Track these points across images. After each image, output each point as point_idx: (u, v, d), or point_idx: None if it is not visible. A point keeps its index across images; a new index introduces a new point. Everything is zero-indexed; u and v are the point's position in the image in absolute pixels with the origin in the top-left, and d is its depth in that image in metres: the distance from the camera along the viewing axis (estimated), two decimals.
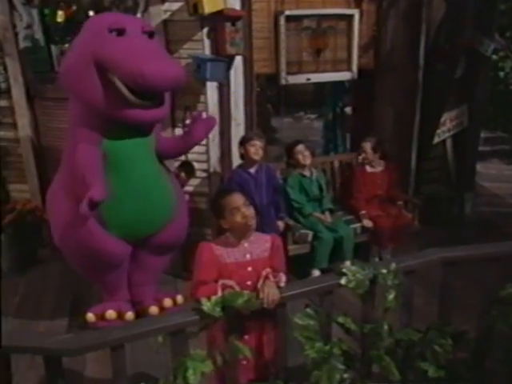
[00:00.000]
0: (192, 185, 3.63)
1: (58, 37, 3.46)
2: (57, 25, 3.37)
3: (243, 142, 3.30)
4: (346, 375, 1.86)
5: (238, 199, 1.98)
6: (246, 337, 1.98)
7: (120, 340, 1.72)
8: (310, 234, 3.59)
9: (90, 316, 2.91)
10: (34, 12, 3.45)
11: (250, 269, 2.00)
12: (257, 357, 2.02)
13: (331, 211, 3.81)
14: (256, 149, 3.25)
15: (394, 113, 4.26)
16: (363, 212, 3.83)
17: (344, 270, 2.05)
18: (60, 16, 3.26)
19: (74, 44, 2.58)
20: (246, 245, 2.03)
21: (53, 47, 3.52)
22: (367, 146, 3.87)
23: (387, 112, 4.28)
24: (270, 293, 1.88)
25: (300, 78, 3.88)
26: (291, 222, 3.61)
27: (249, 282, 1.98)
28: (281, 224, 3.46)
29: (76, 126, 2.64)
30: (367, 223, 3.78)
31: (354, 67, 3.99)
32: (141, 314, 3.00)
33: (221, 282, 1.91)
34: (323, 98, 5.29)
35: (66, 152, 2.75)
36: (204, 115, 3.03)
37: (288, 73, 3.81)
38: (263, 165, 3.40)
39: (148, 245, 2.90)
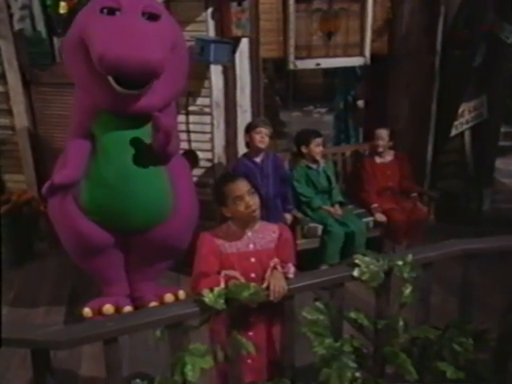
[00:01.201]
0: (196, 175, 3.56)
1: (60, 29, 3.39)
2: (59, 16, 3.29)
3: (248, 130, 3.23)
4: (357, 374, 1.77)
5: (242, 187, 1.88)
6: (251, 332, 1.89)
7: (113, 333, 1.64)
8: (320, 228, 3.50)
9: (87, 311, 2.87)
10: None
11: (253, 260, 1.91)
12: (261, 353, 1.93)
13: (342, 204, 3.71)
14: (262, 136, 3.17)
15: (409, 102, 4.16)
16: (375, 205, 3.73)
17: (357, 261, 1.96)
18: (63, 7, 3.19)
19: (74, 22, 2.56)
20: (249, 234, 1.94)
21: (55, 39, 3.47)
22: (384, 132, 3.77)
23: (402, 101, 4.18)
24: (277, 285, 1.79)
25: (309, 63, 3.79)
26: (300, 215, 3.52)
27: (252, 274, 1.89)
28: (288, 217, 3.38)
29: (74, 107, 2.66)
30: (380, 217, 3.68)
31: (367, 52, 3.90)
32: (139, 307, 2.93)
33: (223, 272, 1.82)
34: (334, 92, 5.21)
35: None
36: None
37: (297, 57, 3.72)
38: (270, 154, 3.32)
39: (140, 241, 2.83)
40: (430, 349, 2.05)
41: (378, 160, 3.86)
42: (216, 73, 3.40)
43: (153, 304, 2.93)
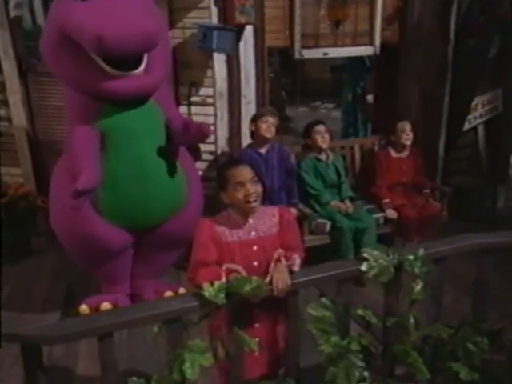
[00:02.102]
0: (198, 168, 3.51)
1: None
2: None
3: (255, 119, 3.20)
4: (365, 373, 1.71)
5: (245, 173, 1.84)
6: (253, 328, 1.84)
7: (108, 328, 1.60)
8: (328, 224, 3.44)
9: (84, 308, 2.83)
10: None
11: (255, 248, 1.86)
12: (264, 351, 1.88)
13: (351, 199, 3.66)
14: (268, 126, 3.14)
15: (421, 94, 4.11)
16: (386, 201, 3.68)
17: (365, 255, 1.91)
18: None
19: (48, 17, 2.50)
20: (250, 221, 1.89)
21: None
22: (407, 126, 3.70)
23: (413, 93, 4.13)
24: (280, 279, 1.75)
25: (316, 53, 3.75)
26: (307, 210, 3.47)
27: (255, 263, 1.85)
28: (293, 211, 3.32)
29: (70, 107, 2.59)
30: (391, 213, 3.63)
31: (377, 41, 3.86)
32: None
33: (225, 266, 1.78)
34: (341, 87, 5.17)
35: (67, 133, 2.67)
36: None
37: (303, 46, 3.68)
38: (275, 145, 3.28)
39: (152, 236, 2.79)
40: (443, 348, 2.00)
41: (393, 154, 3.80)
42: (219, 62, 3.37)
43: None
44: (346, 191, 3.66)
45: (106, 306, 2.83)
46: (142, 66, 2.37)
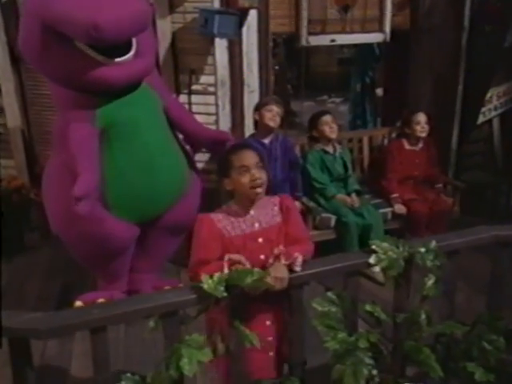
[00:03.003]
0: (199, 160, 3.48)
1: None
2: None
3: (258, 107, 3.16)
4: (374, 371, 1.67)
5: (250, 157, 1.81)
6: (254, 324, 1.80)
7: (101, 321, 1.57)
8: (333, 219, 3.41)
9: (79, 304, 2.81)
10: None
11: (260, 240, 1.83)
12: (267, 348, 1.84)
13: (358, 193, 3.62)
14: (273, 114, 3.10)
15: (433, 83, 4.08)
16: (395, 195, 3.64)
17: (374, 247, 1.88)
18: None
19: (23, 10, 2.45)
20: (252, 212, 1.85)
21: None
22: (422, 118, 3.66)
23: (424, 82, 4.09)
24: (278, 279, 1.70)
25: (323, 39, 3.72)
26: (311, 204, 3.44)
27: (262, 256, 1.81)
28: (297, 204, 3.27)
29: (62, 106, 2.55)
30: (399, 208, 3.60)
31: (387, 27, 3.82)
32: None
33: (227, 256, 1.74)
34: (349, 81, 5.13)
35: (57, 127, 2.63)
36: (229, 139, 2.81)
37: (310, 33, 3.66)
38: (279, 135, 3.25)
39: (156, 225, 2.79)
40: (457, 347, 1.96)
41: (407, 146, 3.77)
42: (221, 48, 3.34)
43: None
44: (353, 185, 3.63)
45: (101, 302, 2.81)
46: (133, 51, 2.37)
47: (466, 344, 1.92)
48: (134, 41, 2.37)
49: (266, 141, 3.18)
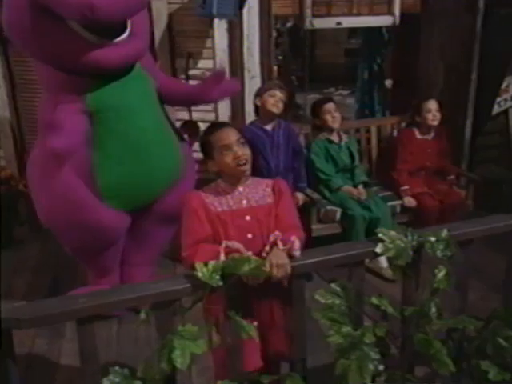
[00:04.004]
0: (197, 150, 3.46)
1: None
2: None
3: (261, 92, 3.13)
4: (381, 367, 1.63)
5: (230, 135, 1.82)
6: (252, 316, 1.76)
7: (88, 310, 1.53)
8: (339, 212, 3.38)
9: None
10: None
11: (248, 218, 1.83)
12: (265, 342, 1.84)
13: (365, 185, 3.59)
14: (275, 100, 3.07)
15: (445, 70, 4.06)
16: (405, 188, 3.61)
17: (381, 235, 1.84)
18: None
19: None
20: (240, 189, 1.86)
21: None
22: (433, 105, 3.62)
23: (436, 69, 4.08)
24: (279, 265, 1.67)
25: (328, 22, 3.73)
26: (316, 196, 3.40)
27: (249, 235, 1.81)
28: (300, 196, 3.27)
29: (50, 89, 2.54)
30: (409, 201, 3.57)
31: (396, 10, 3.82)
32: None
33: (224, 243, 1.72)
34: (356, 72, 5.09)
35: (43, 112, 2.60)
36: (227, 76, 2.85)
37: (314, 15, 3.65)
38: (282, 122, 3.21)
39: (147, 214, 2.79)
40: (470, 344, 1.92)
41: (418, 135, 3.73)
42: (220, 31, 3.34)
43: None
44: (360, 176, 3.60)
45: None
46: (127, 33, 2.37)
47: (480, 340, 1.87)
48: (128, 22, 2.37)
49: (269, 128, 3.15)
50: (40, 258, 3.64)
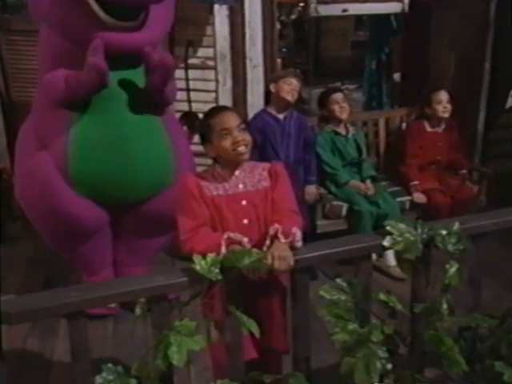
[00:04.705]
0: (196, 142, 3.44)
1: None
2: None
3: (276, 79, 3.11)
4: (389, 366, 1.60)
5: (231, 119, 1.83)
6: (253, 312, 1.73)
7: (79, 305, 1.51)
8: (345, 207, 3.37)
9: None
10: None
11: (244, 202, 1.83)
12: (266, 340, 1.80)
13: (373, 180, 3.57)
14: (291, 88, 3.07)
15: (457, 59, 4.04)
16: (415, 183, 3.60)
17: (389, 228, 1.81)
18: None
19: None
20: (236, 173, 1.86)
21: None
22: (444, 96, 3.61)
23: (447, 58, 4.06)
24: (282, 258, 1.65)
25: (334, 9, 3.71)
26: (321, 191, 3.40)
27: (245, 220, 1.81)
28: (312, 189, 3.28)
29: (46, 54, 2.56)
30: (419, 197, 3.56)
31: None
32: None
33: (226, 234, 1.71)
34: (364, 66, 5.07)
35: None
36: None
37: (319, 1, 3.61)
38: (294, 112, 3.21)
39: (135, 216, 2.77)
40: (483, 344, 1.90)
41: (428, 128, 3.72)
42: (221, 17, 3.33)
43: None
44: (368, 170, 3.58)
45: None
46: (141, 17, 2.36)
47: (494, 340, 1.84)
48: (143, 11, 2.36)
49: (280, 116, 3.14)
50: (33, 255, 3.63)
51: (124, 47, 2.38)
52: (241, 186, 1.85)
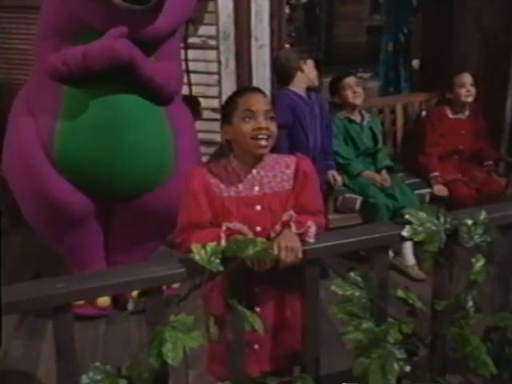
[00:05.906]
0: (198, 129, 3.42)
1: None
2: None
3: (302, 58, 3.14)
4: (407, 368, 1.56)
5: (259, 102, 1.71)
6: (258, 309, 1.72)
7: (65, 297, 1.47)
8: (359, 200, 3.36)
9: None
10: None
11: (258, 208, 1.72)
12: (272, 338, 1.77)
13: (390, 170, 3.56)
14: (311, 69, 3.15)
15: (482, 41, 4.05)
16: (435, 174, 3.59)
17: (408, 217, 1.78)
18: None
19: None
20: (254, 172, 1.75)
21: None
22: (467, 79, 3.58)
23: (472, 40, 4.06)
24: (289, 248, 1.60)
25: None
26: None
27: (258, 228, 1.71)
28: (334, 174, 3.30)
29: (47, 26, 2.57)
30: (440, 190, 3.54)
31: None
32: (120, 298, 2.90)
33: (225, 225, 1.65)
34: (379, 52, 5.05)
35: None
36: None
37: None
38: (312, 94, 3.23)
39: (128, 210, 2.78)
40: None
41: (450, 115, 3.71)
42: None
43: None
44: (383, 160, 3.57)
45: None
46: (152, 2, 2.34)
47: None
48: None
49: (303, 94, 3.16)
50: (22, 252, 3.67)
51: (133, 32, 2.36)
52: (256, 188, 1.74)
